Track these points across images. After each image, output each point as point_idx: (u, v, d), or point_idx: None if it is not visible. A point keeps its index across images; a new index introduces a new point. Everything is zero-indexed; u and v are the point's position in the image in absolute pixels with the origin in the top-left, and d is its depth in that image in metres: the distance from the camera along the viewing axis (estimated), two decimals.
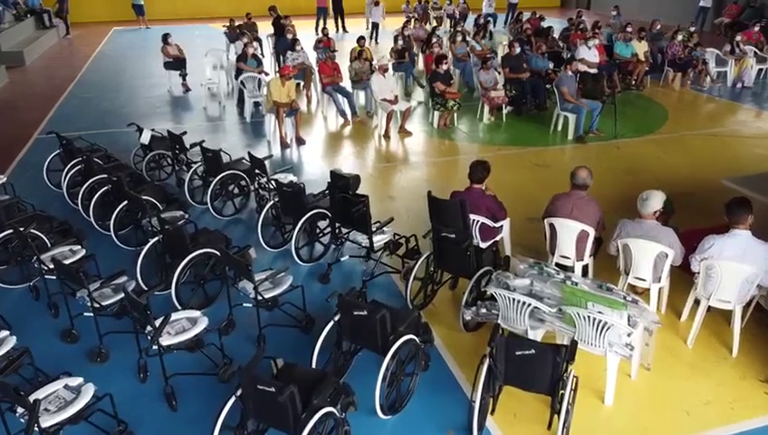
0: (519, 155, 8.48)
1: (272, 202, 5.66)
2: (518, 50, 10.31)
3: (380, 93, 9.18)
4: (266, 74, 11.53)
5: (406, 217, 6.42)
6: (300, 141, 8.85)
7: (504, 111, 9.96)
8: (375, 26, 18.94)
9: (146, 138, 7.15)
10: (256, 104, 10.19)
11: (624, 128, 9.04)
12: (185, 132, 7.24)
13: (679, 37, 12.08)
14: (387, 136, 9.11)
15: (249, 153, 6.33)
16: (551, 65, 10.95)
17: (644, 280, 4.50)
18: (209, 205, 6.28)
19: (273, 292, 4.29)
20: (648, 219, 4.39)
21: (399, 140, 9.14)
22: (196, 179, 6.80)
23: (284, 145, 8.68)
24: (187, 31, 19.78)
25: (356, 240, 5.02)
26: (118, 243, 5.69)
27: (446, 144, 9.00)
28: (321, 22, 18.84)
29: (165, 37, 11.99)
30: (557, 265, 4.92)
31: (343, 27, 19.86)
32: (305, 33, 17.58)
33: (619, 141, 8.85)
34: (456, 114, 9.60)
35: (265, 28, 15.92)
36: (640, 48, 12.01)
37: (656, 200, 4.36)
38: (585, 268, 4.91)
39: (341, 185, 4.86)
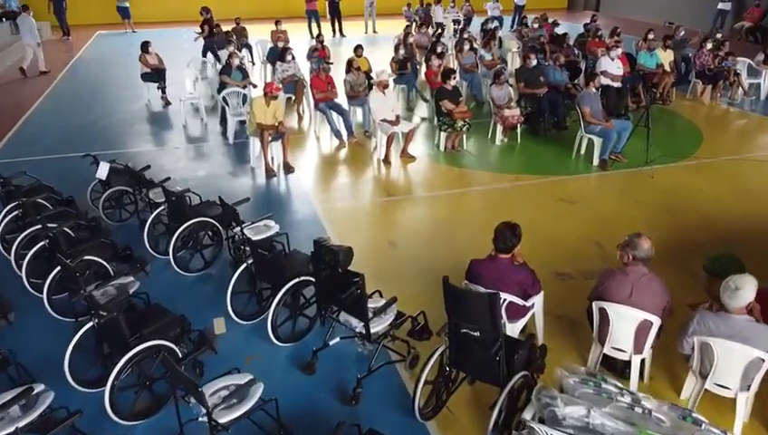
0: (539, 186, 7.37)
1: (245, 265, 4.55)
2: (534, 62, 9.19)
3: (380, 113, 8.07)
4: (254, 86, 10.46)
5: (408, 273, 5.33)
6: (288, 169, 7.74)
7: (519, 130, 8.86)
8: (438, 26, 17.80)
9: (103, 172, 6.04)
10: (242, 123, 9.08)
11: (655, 151, 7.90)
12: (147, 167, 6.15)
13: (709, 45, 10.97)
14: (387, 162, 8.00)
15: (220, 198, 5.23)
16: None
17: (729, 389, 3.41)
18: (171, 260, 5.17)
19: (235, 411, 3.18)
20: (738, 314, 3.29)
21: (401, 166, 8.03)
22: (160, 224, 5.70)
23: (270, 174, 7.57)
24: (174, 34, 18.74)
25: (348, 323, 3.91)
26: (52, 313, 4.59)
27: (454, 172, 7.88)
28: (315, 26, 17.77)
29: (144, 45, 10.88)
30: (606, 357, 3.84)
31: (341, 31, 18.75)
32: (303, 39, 16.52)
33: (652, 168, 7.72)
34: (465, 135, 8.50)
35: (256, 33, 14.85)
36: (666, 57, 10.89)
37: (749, 290, 3.25)
38: (642, 361, 3.81)
39: (329, 260, 3.76)
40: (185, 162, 8.19)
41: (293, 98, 10.16)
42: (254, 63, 14.10)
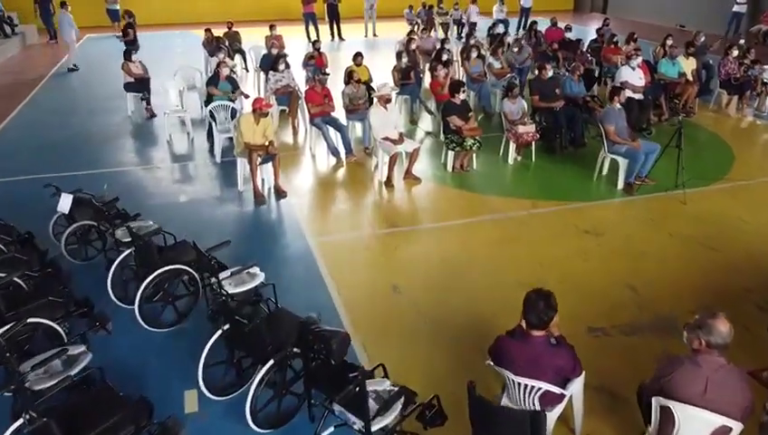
0: (559, 215, 6.59)
1: (221, 331, 3.78)
2: (550, 73, 8.42)
3: (381, 131, 7.31)
4: (246, 96, 9.69)
5: (416, 330, 4.57)
6: (280, 193, 6.98)
7: (533, 147, 8.07)
8: (473, 26, 17.10)
9: (65, 205, 5.27)
10: (230, 139, 8.29)
11: (683, 171, 7.08)
12: (115, 199, 5.38)
13: (735, 53, 10.20)
14: (389, 184, 7.23)
15: (194, 244, 4.46)
16: None
17: None
18: (138, 316, 4.41)
19: None
20: None
21: (405, 189, 7.26)
22: (128, 268, 4.93)
23: (259, 200, 6.81)
24: (167, 38, 18.06)
25: (344, 416, 3.14)
26: None
27: (464, 197, 7.10)
28: (312, 30, 17.01)
29: (127, 53, 10.13)
30: None
31: (339, 35, 17.97)
32: (300, 43, 15.71)
33: (684, 192, 6.94)
34: (475, 154, 7.73)
35: (253, 37, 14.11)
36: (688, 66, 10.12)
37: None
38: None
39: (318, 349, 3.00)
40: (166, 184, 7.42)
41: (287, 110, 9.39)
42: (247, 70, 13.35)
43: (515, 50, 10.94)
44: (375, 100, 7.58)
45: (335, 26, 17.85)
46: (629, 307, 4.91)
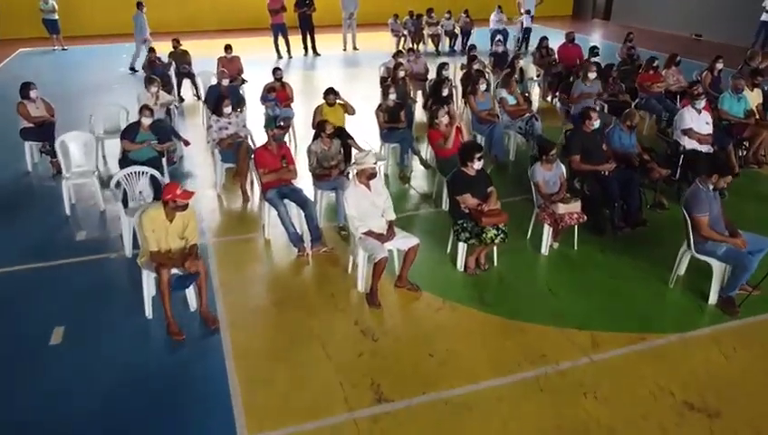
0: (635, 364, 4.24)
1: None
2: (597, 123, 6.09)
3: (362, 222, 4.93)
4: (186, 143, 7.33)
5: None
6: (208, 323, 4.59)
7: (576, 227, 5.76)
8: (527, 32, 15.13)
9: None
10: None
11: None
12: None
13: None
14: (373, 303, 4.86)
15: None
16: None
17: None
18: None
19: None
20: None
21: (397, 310, 4.89)
22: None
23: (175, 337, 4.42)
24: (110, 54, 15.53)
25: None
26: None
27: (487, 324, 4.70)
28: (283, 44, 14.65)
29: (24, 89, 7.59)
30: None
31: (314, 49, 15.51)
32: (268, 58, 13.03)
33: None
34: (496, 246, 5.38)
35: (212, 52, 11.66)
36: (754, 99, 7.91)
37: None
38: None
39: None
40: (35, 308, 4.89)
41: (235, 169, 6.97)
42: (199, 98, 10.86)
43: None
44: (352, 175, 5.20)
45: (309, 39, 15.38)
46: None
